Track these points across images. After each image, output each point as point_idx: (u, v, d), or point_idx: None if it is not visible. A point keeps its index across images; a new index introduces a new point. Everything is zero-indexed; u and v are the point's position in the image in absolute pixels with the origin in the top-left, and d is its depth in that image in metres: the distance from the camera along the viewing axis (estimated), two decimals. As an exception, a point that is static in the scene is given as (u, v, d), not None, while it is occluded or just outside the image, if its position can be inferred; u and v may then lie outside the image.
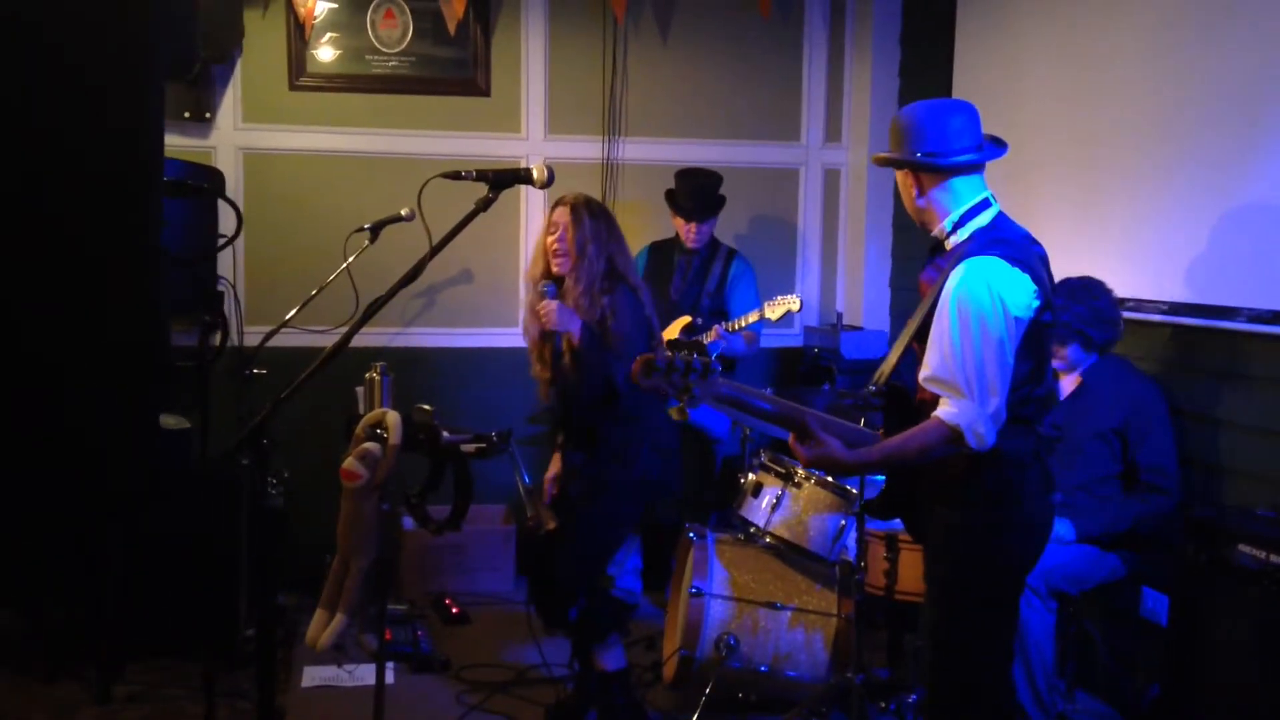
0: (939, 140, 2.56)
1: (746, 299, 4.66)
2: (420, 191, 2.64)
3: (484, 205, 2.52)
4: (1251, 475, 3.42)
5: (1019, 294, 2.45)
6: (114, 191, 1.55)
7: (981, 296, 2.41)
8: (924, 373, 2.49)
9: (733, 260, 4.78)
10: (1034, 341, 2.52)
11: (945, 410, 2.43)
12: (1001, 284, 2.43)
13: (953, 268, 2.47)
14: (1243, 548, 2.85)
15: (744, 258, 4.81)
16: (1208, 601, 2.99)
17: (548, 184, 2.68)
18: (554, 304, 3.36)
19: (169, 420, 2.56)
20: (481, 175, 2.59)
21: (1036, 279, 2.49)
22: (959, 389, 2.41)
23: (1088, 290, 3.54)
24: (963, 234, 2.56)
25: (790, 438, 2.52)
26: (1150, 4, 3.76)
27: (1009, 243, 2.52)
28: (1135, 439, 3.50)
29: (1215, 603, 2.96)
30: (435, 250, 2.45)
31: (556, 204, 3.51)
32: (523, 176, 2.63)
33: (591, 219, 3.44)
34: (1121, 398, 3.54)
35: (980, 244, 2.50)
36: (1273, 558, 2.76)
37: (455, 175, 2.62)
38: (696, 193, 4.71)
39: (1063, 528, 3.46)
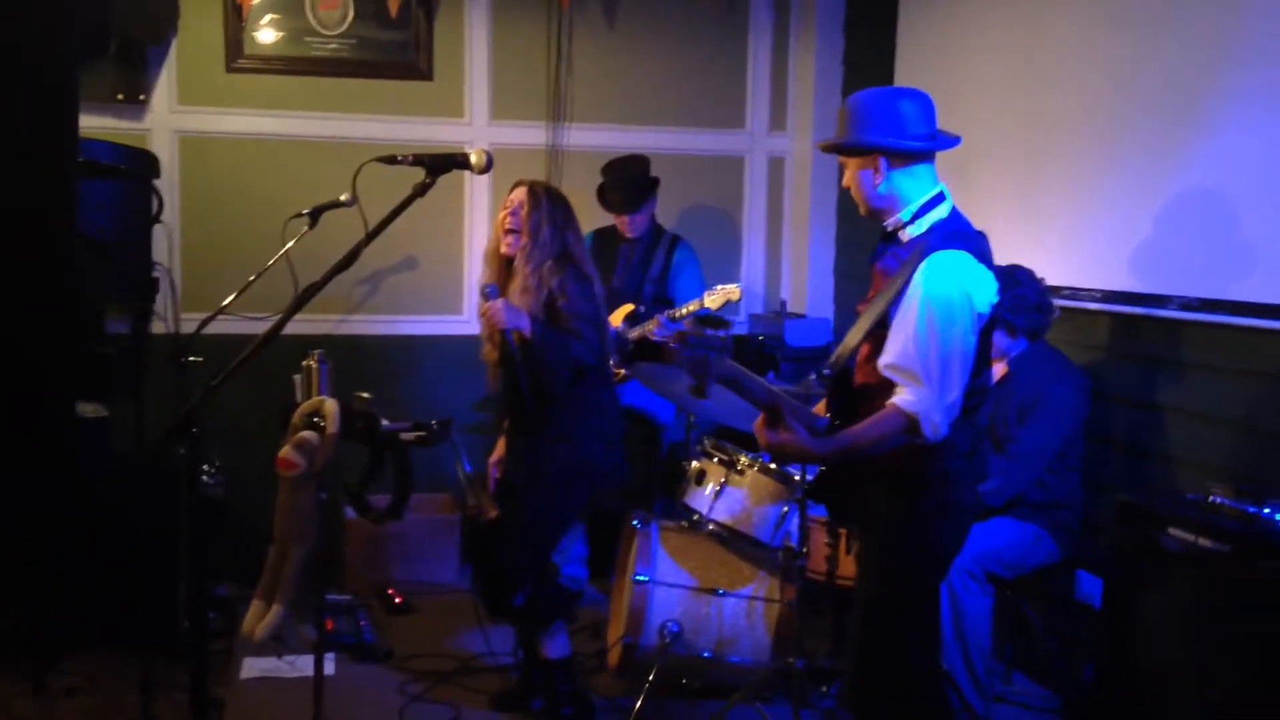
0: (906, 125, 2.55)
1: (690, 286, 4.63)
2: (355, 176, 2.60)
3: (421, 190, 2.48)
4: (1182, 460, 3.49)
5: (984, 290, 2.49)
6: (27, 172, 1.50)
7: (951, 291, 2.44)
8: (885, 359, 2.49)
9: (676, 247, 4.75)
10: (984, 336, 2.56)
11: (903, 399, 2.44)
12: (970, 279, 2.47)
13: (918, 260, 2.48)
14: (1172, 531, 2.90)
15: (688, 244, 4.79)
16: (1139, 584, 3.04)
17: (486, 169, 2.65)
18: (499, 302, 3.32)
19: (86, 408, 2.49)
20: (418, 160, 2.56)
21: (995, 275, 2.54)
22: (918, 377, 2.43)
23: (1010, 277, 3.58)
24: (922, 225, 2.57)
25: (758, 420, 2.50)
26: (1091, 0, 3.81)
27: (969, 238, 2.55)
28: (1019, 413, 3.57)
29: (1146, 585, 3.01)
30: (370, 237, 2.42)
31: (516, 184, 3.49)
32: (460, 161, 2.60)
33: (550, 203, 3.42)
34: (1036, 384, 3.60)
35: (942, 237, 2.52)
36: (1201, 540, 2.82)
37: (391, 160, 2.59)
38: (622, 185, 4.66)
39: None
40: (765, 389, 2.45)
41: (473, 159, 2.62)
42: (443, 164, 2.57)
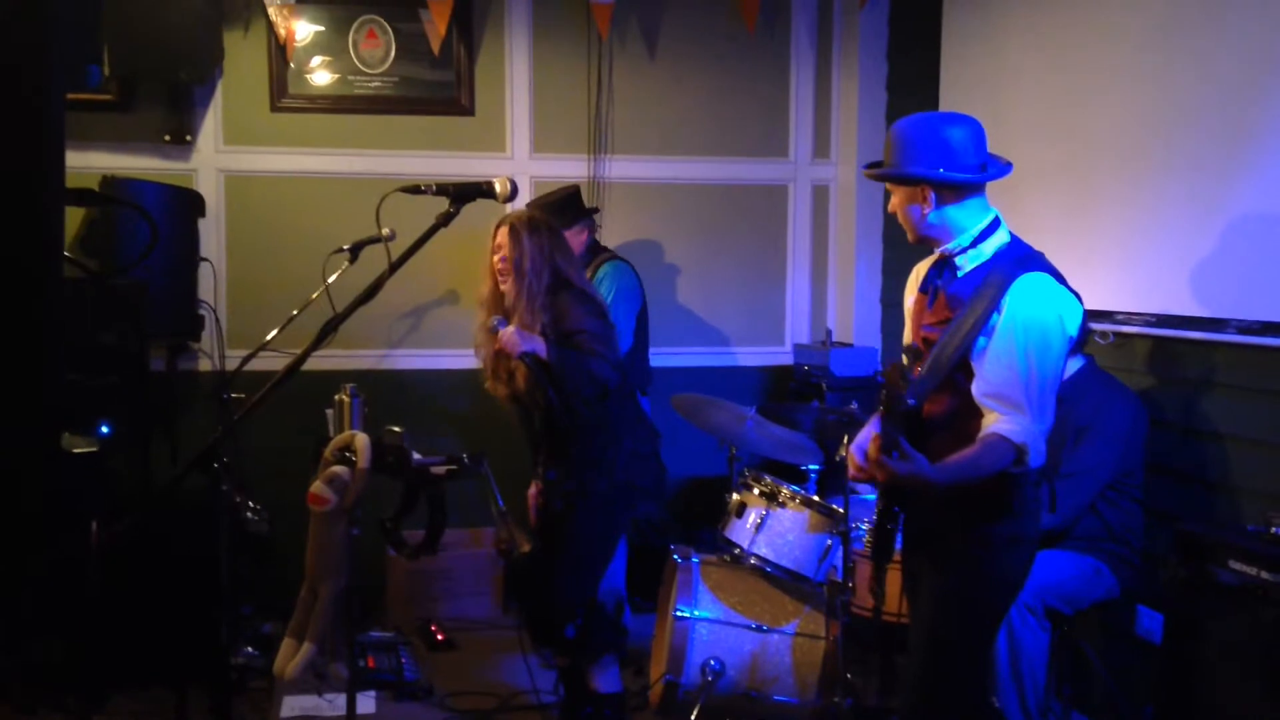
0: (956, 155, 2.50)
1: (612, 304, 4.30)
2: (379, 208, 2.59)
3: (444, 220, 2.47)
4: (1242, 489, 3.35)
5: (1074, 312, 2.46)
6: (8, 198, 1.49)
7: (1046, 316, 2.42)
8: (983, 388, 2.44)
9: (601, 265, 4.44)
10: None
11: (1007, 428, 2.38)
12: (1060, 302, 2.44)
13: (1000, 285, 2.43)
14: (1233, 563, 2.78)
15: (615, 260, 4.47)
16: (1199, 619, 2.92)
17: (511, 198, 2.64)
18: (510, 329, 3.27)
19: (74, 442, 2.48)
20: (442, 189, 2.55)
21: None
22: (1020, 406, 2.39)
23: None
24: (985, 251, 2.52)
25: (871, 447, 2.42)
26: (1137, 14, 3.72)
27: (1042, 260, 2.51)
28: (1074, 440, 3.45)
29: (1207, 620, 2.89)
30: (394, 268, 2.41)
31: (499, 224, 3.42)
32: (484, 190, 2.59)
33: (530, 236, 3.33)
34: (1089, 409, 3.48)
35: (1015, 261, 2.48)
36: (1263, 574, 2.69)
37: (415, 190, 2.58)
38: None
39: None
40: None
41: (497, 187, 2.61)
42: (467, 193, 2.55)
